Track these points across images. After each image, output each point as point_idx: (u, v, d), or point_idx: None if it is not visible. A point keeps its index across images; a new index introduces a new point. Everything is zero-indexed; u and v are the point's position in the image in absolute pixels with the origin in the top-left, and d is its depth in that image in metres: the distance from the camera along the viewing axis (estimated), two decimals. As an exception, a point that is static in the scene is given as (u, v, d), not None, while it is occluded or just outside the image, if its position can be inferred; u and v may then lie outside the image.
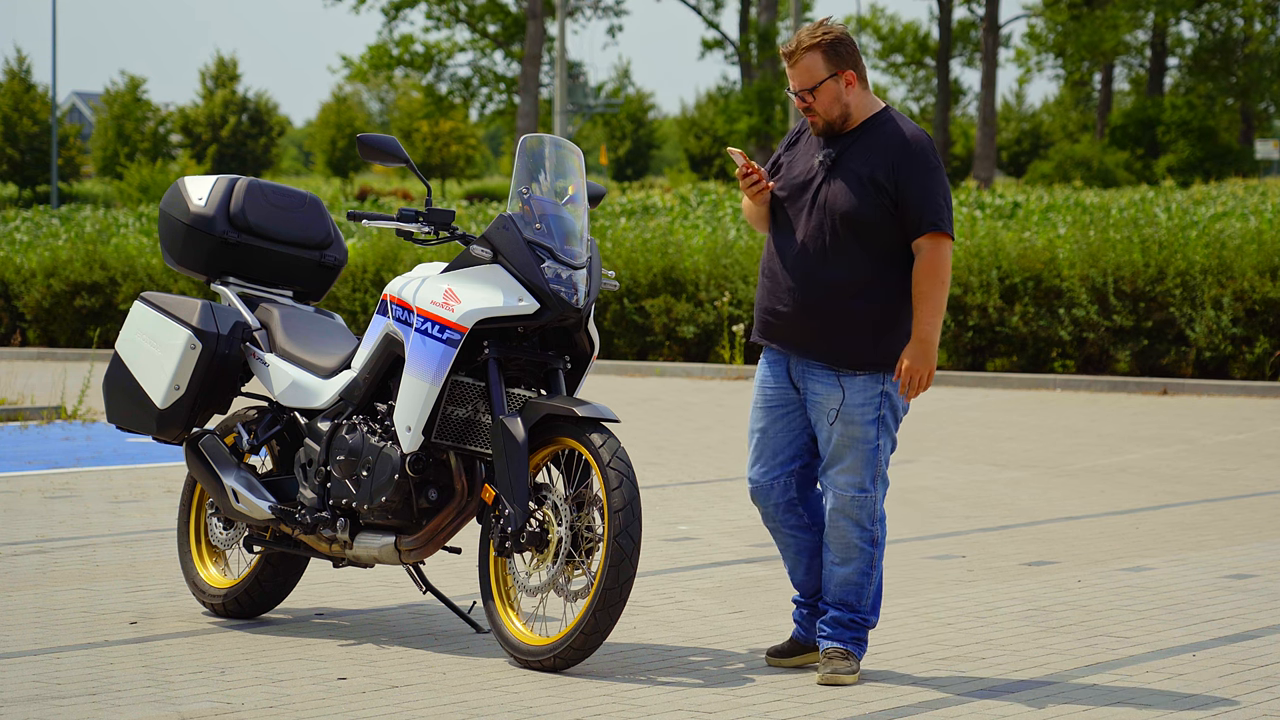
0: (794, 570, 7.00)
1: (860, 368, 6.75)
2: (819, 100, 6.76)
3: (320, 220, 8.25)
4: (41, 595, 8.41)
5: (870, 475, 6.78)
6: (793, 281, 6.78)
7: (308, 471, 7.56)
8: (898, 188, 6.68)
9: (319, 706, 6.39)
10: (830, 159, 6.78)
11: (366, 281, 22.52)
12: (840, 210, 6.71)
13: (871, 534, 6.81)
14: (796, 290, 6.77)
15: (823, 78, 6.75)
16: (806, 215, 6.78)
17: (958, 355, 19.60)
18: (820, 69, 6.75)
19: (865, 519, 6.79)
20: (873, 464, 6.78)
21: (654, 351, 21.42)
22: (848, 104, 6.79)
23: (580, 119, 64.97)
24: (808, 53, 6.76)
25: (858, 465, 6.77)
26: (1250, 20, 71.69)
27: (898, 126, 6.78)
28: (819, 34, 6.76)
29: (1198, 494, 11.69)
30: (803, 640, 7.01)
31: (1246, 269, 18.35)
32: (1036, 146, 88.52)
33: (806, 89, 6.76)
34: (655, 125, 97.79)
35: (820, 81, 6.75)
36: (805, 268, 6.76)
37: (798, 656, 7.02)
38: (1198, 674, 6.83)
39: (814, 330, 6.76)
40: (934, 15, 71.44)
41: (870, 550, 6.82)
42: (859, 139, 6.79)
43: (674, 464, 13.29)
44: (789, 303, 6.79)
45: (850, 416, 6.76)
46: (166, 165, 69.03)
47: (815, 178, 6.79)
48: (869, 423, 6.77)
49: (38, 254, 25.26)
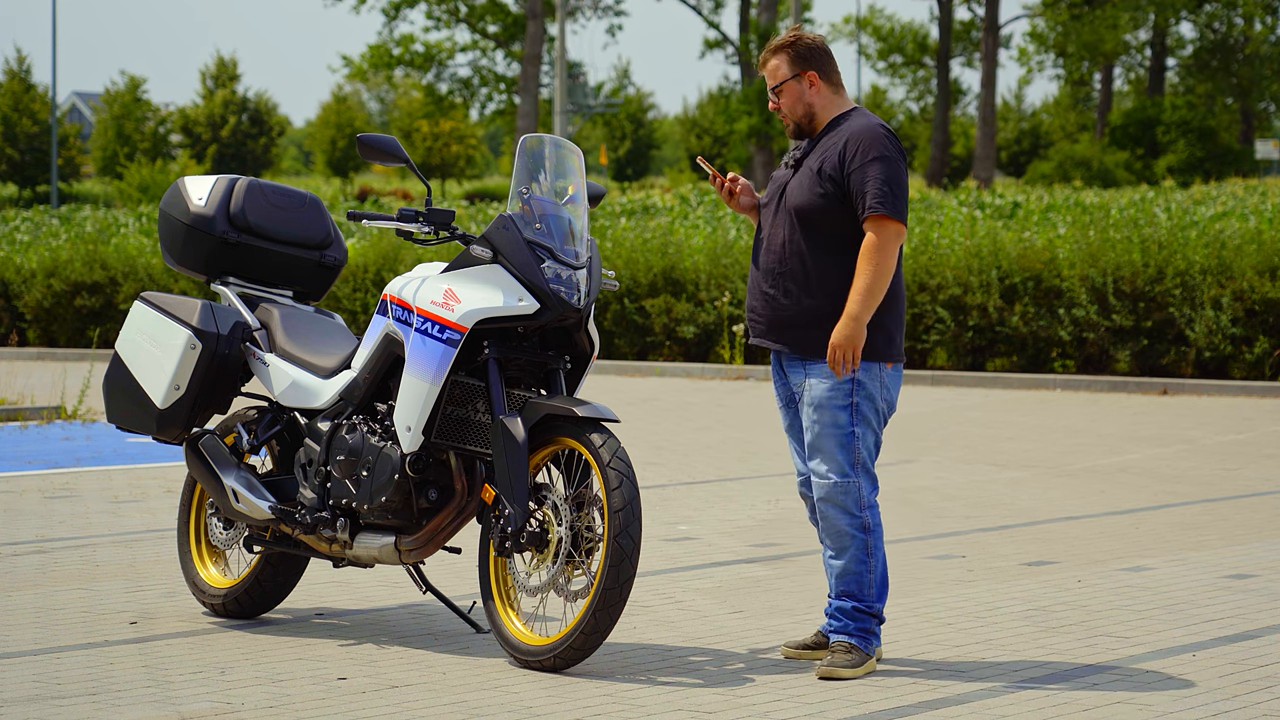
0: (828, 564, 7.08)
1: (820, 356, 6.89)
2: (784, 99, 7.05)
3: (320, 220, 8.25)
4: (41, 595, 8.41)
5: (849, 461, 6.88)
6: (760, 278, 7.03)
7: (308, 471, 7.56)
8: (846, 177, 6.88)
9: (319, 706, 6.39)
10: (795, 159, 7.04)
11: (366, 281, 22.51)
12: (794, 205, 6.94)
13: (861, 520, 6.87)
14: (763, 285, 7.01)
15: (786, 78, 7.03)
16: (774, 214, 7.04)
17: (958, 355, 19.60)
18: (784, 70, 7.04)
19: (852, 505, 6.86)
20: (849, 450, 6.88)
21: (654, 351, 21.42)
22: (811, 104, 7.03)
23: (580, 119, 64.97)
24: (774, 55, 7.08)
25: (835, 451, 6.89)
26: (1250, 20, 71.70)
27: (854, 121, 6.98)
28: (787, 38, 7.08)
29: (1198, 494, 11.69)
30: (827, 634, 7.07)
31: (1246, 269, 18.35)
32: (1036, 146, 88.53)
33: (772, 88, 7.05)
34: (655, 125, 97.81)
35: (783, 81, 7.04)
36: (769, 263, 7.00)
37: (820, 651, 7.07)
38: (1198, 674, 6.83)
39: (778, 322, 6.97)
40: (934, 15, 71.45)
41: (863, 537, 6.87)
42: (821, 138, 7.03)
43: (674, 464, 13.29)
44: (759, 298, 7.03)
45: (821, 403, 6.89)
46: (166, 165, 69.05)
47: (785, 178, 7.05)
48: (840, 408, 6.88)
49: (38, 254, 25.27)
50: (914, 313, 19.65)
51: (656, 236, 22.53)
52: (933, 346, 19.74)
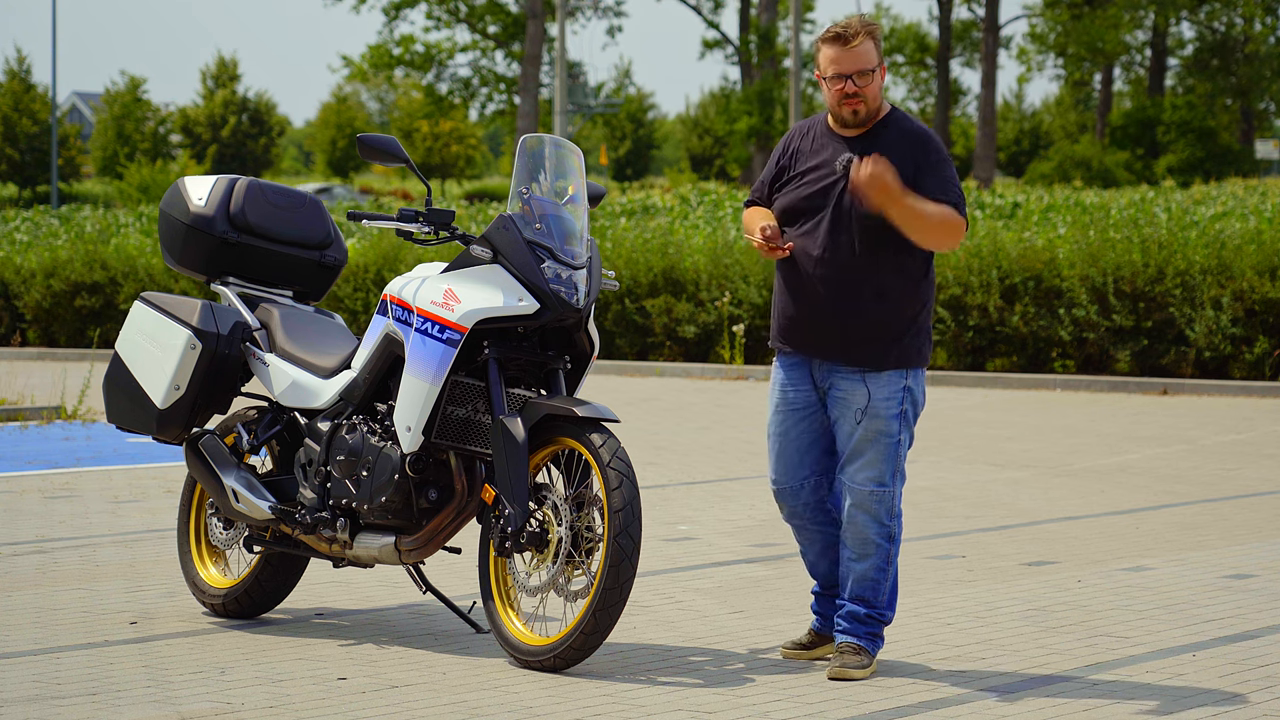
0: (818, 562, 7.07)
1: (884, 367, 6.78)
2: (870, 88, 6.76)
3: (320, 220, 8.25)
4: (41, 595, 8.41)
5: (890, 470, 6.81)
6: (814, 285, 6.78)
7: (308, 471, 7.56)
8: (918, 183, 6.69)
9: (319, 706, 6.39)
10: (846, 165, 6.74)
11: (366, 281, 22.51)
12: (865, 211, 6.70)
13: (889, 530, 6.84)
14: (819, 294, 6.78)
15: (875, 64, 6.76)
16: (830, 219, 6.77)
17: (958, 355, 19.60)
18: (873, 56, 6.76)
19: (884, 514, 6.83)
20: (893, 459, 6.81)
21: (654, 351, 21.42)
22: (879, 97, 6.82)
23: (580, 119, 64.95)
24: (866, 38, 6.75)
25: (878, 460, 6.80)
26: (1250, 20, 71.68)
27: (912, 124, 6.82)
28: (871, 23, 6.77)
29: (1198, 494, 11.69)
30: (821, 631, 7.06)
31: (1246, 269, 18.35)
32: (1036, 146, 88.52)
33: (863, 71, 6.73)
34: (655, 125, 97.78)
35: (873, 68, 6.75)
36: (827, 271, 6.76)
37: (818, 649, 7.06)
38: (1198, 674, 6.83)
39: (837, 333, 6.79)
40: (934, 15, 71.44)
41: (887, 546, 6.85)
42: (879, 137, 6.79)
43: (674, 464, 13.29)
44: (812, 306, 6.81)
45: (875, 411, 6.80)
46: (166, 165, 69.01)
47: (837, 181, 6.78)
48: (892, 417, 6.80)
49: (38, 254, 25.26)
50: (914, 313, 19.63)
51: (656, 236, 22.53)
52: (933, 346, 19.73)
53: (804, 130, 6.97)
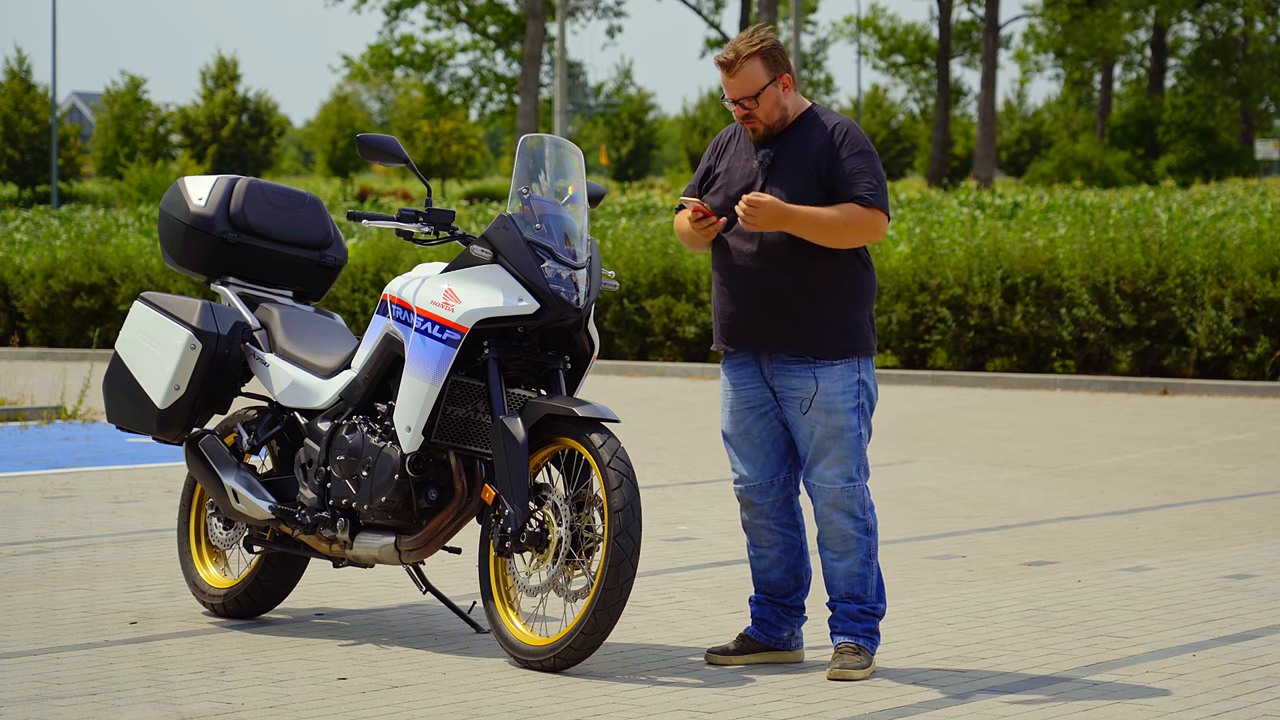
0: (772, 568, 7.05)
1: (833, 358, 6.81)
2: (761, 107, 6.88)
3: (320, 220, 8.24)
4: (41, 595, 8.41)
5: (855, 464, 6.87)
6: (751, 283, 6.87)
7: (308, 471, 7.56)
8: (830, 172, 6.80)
9: (319, 706, 6.39)
10: (769, 159, 6.89)
11: (366, 281, 22.52)
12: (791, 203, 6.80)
13: (865, 523, 6.88)
14: (757, 291, 6.86)
15: (764, 84, 6.87)
16: None
17: (958, 355, 19.60)
18: (761, 76, 6.87)
19: (857, 509, 6.86)
20: (857, 453, 6.86)
21: (654, 351, 21.42)
22: (785, 107, 6.92)
23: (580, 119, 64.98)
24: (748, 61, 6.87)
25: (844, 456, 6.84)
26: (1250, 20, 71.73)
27: (828, 118, 6.91)
28: (755, 42, 6.90)
29: (1198, 494, 11.69)
30: (755, 637, 7.04)
31: (1247, 269, 18.35)
32: (1036, 146, 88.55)
33: (749, 96, 6.86)
34: (656, 125, 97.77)
35: (762, 88, 6.86)
36: (761, 267, 6.85)
37: (748, 655, 7.03)
38: (1198, 674, 6.83)
39: (779, 328, 6.85)
40: (934, 15, 71.51)
41: (866, 539, 6.88)
42: (793, 135, 6.91)
43: (674, 464, 13.29)
44: (751, 305, 6.88)
45: (831, 406, 6.83)
46: (166, 165, 69.05)
47: (755, 181, 6.90)
48: (850, 411, 6.85)
49: (37, 254, 25.27)
50: (914, 313, 19.66)
51: (656, 236, 22.53)
52: (933, 346, 19.74)
53: (731, 133, 7.11)
